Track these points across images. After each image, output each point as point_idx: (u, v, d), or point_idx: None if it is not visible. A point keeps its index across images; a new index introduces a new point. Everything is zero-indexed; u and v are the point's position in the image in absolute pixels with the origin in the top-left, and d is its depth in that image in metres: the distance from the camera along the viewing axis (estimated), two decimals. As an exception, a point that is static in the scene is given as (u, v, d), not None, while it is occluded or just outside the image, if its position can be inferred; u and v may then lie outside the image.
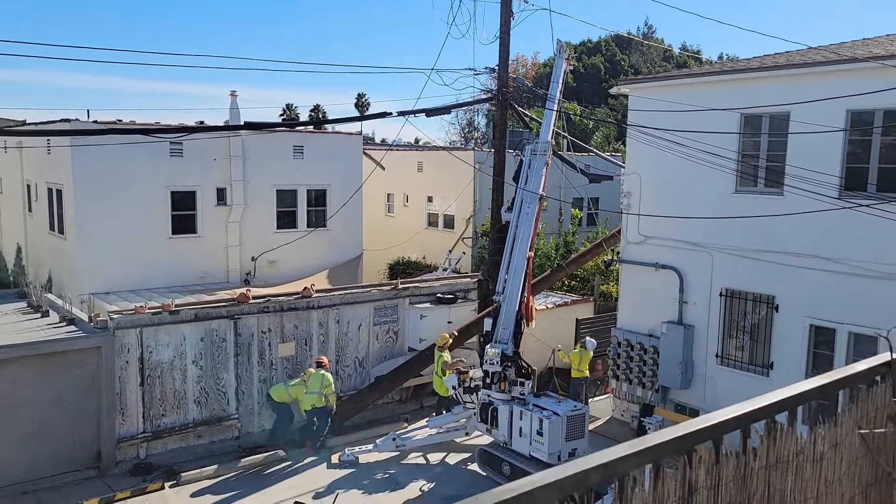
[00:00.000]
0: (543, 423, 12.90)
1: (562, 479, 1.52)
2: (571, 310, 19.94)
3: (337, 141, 23.19)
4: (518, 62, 61.62)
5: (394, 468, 14.36)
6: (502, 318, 14.06)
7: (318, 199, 22.48)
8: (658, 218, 15.39)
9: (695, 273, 15.09)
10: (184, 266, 19.87)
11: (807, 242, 13.21)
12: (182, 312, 14.81)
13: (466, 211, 27.28)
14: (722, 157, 13.79)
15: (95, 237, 18.59)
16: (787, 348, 13.71)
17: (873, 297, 12.40)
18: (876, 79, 11.85)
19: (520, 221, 14.60)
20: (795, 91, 13.05)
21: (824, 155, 12.81)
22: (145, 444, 14.44)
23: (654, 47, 63.74)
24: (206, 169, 20.19)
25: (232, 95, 21.00)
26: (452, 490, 13.47)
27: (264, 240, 21.12)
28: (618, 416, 16.96)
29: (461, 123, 62.75)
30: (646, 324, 15.98)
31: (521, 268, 14.18)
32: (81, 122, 18.51)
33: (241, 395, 15.58)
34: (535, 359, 16.57)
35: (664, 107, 14.69)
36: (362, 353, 17.43)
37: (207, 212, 20.39)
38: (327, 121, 41.50)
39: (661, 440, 1.74)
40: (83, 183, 18.41)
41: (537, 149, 15.13)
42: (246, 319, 15.54)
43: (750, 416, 1.95)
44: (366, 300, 17.40)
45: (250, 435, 15.64)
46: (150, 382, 14.46)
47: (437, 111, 17.62)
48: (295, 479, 13.95)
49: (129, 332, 14.21)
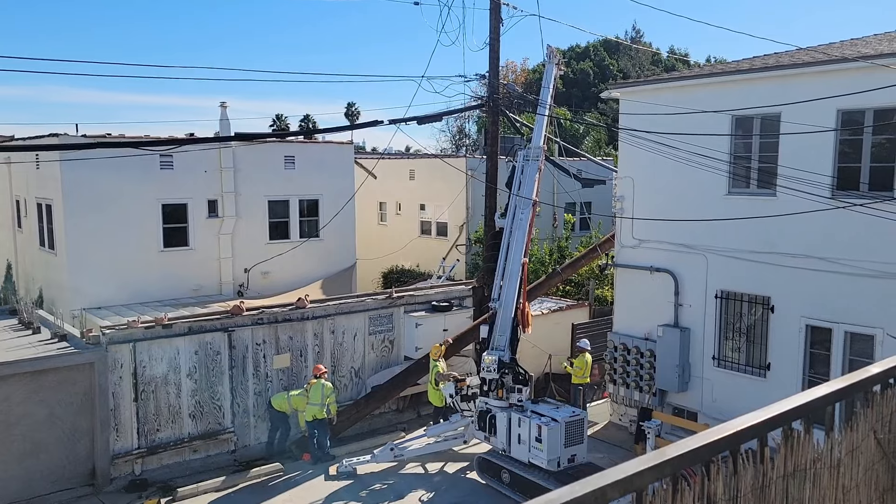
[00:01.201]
0: (542, 429, 12.82)
1: (580, 497, 1.46)
2: (567, 315, 19.90)
3: (328, 151, 23.12)
4: (508, 68, 61.70)
5: (392, 478, 14.25)
6: (498, 325, 14.00)
7: (310, 209, 22.39)
8: (652, 221, 15.38)
9: (690, 275, 15.07)
10: (176, 279, 19.73)
11: (801, 242, 13.21)
12: (175, 326, 14.69)
13: (460, 218, 27.24)
14: (714, 160, 13.81)
15: (86, 252, 18.44)
16: (783, 349, 13.69)
17: (869, 296, 12.42)
18: (865, 78, 11.89)
19: (514, 227, 14.56)
20: (786, 92, 13.08)
21: (816, 155, 12.84)
22: (140, 459, 14.28)
23: (643, 51, 64.01)
24: (197, 181, 20.08)
25: (222, 107, 20.91)
26: (452, 499, 13.39)
27: (257, 251, 21.00)
28: (616, 421, 16.90)
29: (452, 131, 62.79)
30: (642, 327, 15.94)
31: (516, 274, 14.13)
32: (70, 136, 18.36)
33: (237, 408, 15.45)
34: (531, 365, 16.51)
35: (655, 110, 14.70)
36: (358, 363, 17.33)
37: (199, 224, 20.27)
38: (318, 130, 41.43)
39: (678, 452, 1.69)
40: (73, 197, 18.26)
41: (529, 154, 15.10)
42: (240, 332, 15.42)
43: (767, 424, 1.90)
44: (360, 310, 17.31)
45: (247, 448, 15.50)
46: (144, 397, 14.32)
47: (429, 118, 17.59)
48: (293, 491, 13.83)
49: (122, 347, 14.08)
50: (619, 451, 15.23)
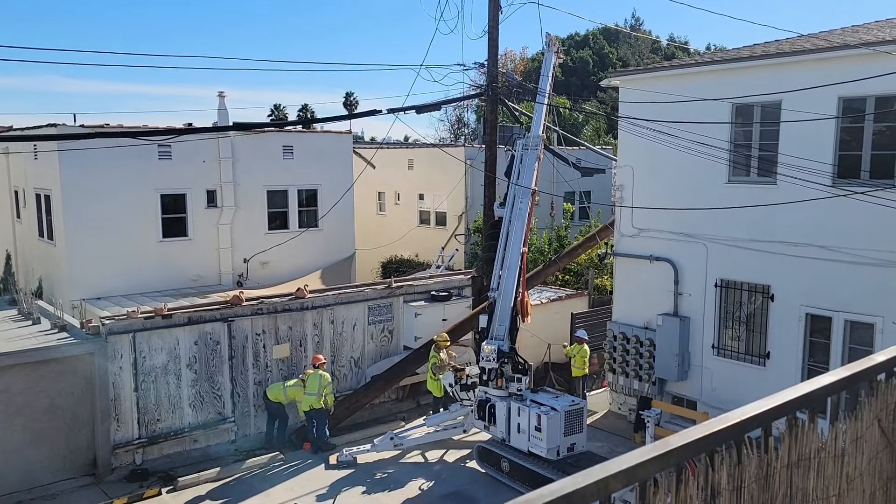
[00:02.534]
0: (542, 418, 12.84)
1: (582, 489, 1.44)
2: (566, 304, 19.89)
3: (326, 140, 23.04)
4: (507, 56, 61.48)
5: (392, 467, 14.28)
6: (498, 315, 13.99)
7: (309, 199, 22.34)
8: (651, 210, 15.35)
9: (689, 264, 15.06)
10: (175, 269, 19.71)
11: (801, 231, 13.19)
12: (175, 316, 14.67)
13: (458, 208, 27.19)
14: (714, 148, 13.76)
15: (85, 242, 18.41)
16: (783, 337, 13.69)
17: (869, 284, 12.40)
18: (867, 65, 11.84)
19: (513, 217, 14.52)
20: (786, 79, 13.02)
21: (817, 143, 12.79)
22: (141, 449, 14.30)
23: (643, 39, 63.77)
24: (196, 171, 20.02)
25: (220, 96, 20.83)
26: (452, 488, 13.42)
27: (256, 241, 20.97)
28: (615, 410, 16.93)
29: (451, 120, 62.60)
30: (641, 316, 15.94)
31: (515, 263, 14.10)
32: (68, 126, 18.29)
33: (237, 397, 15.46)
34: (531, 354, 16.52)
35: (655, 98, 14.63)
36: (357, 352, 17.34)
37: (198, 214, 20.23)
38: (316, 120, 41.28)
39: (682, 442, 1.67)
40: (71, 188, 18.21)
41: (528, 143, 15.05)
42: (239, 322, 15.42)
43: (772, 414, 1.88)
44: (360, 300, 17.30)
45: (247, 438, 15.52)
46: (144, 387, 14.32)
47: (427, 108, 17.52)
48: (293, 480, 13.86)
49: (122, 338, 14.07)
50: (618, 439, 15.26)
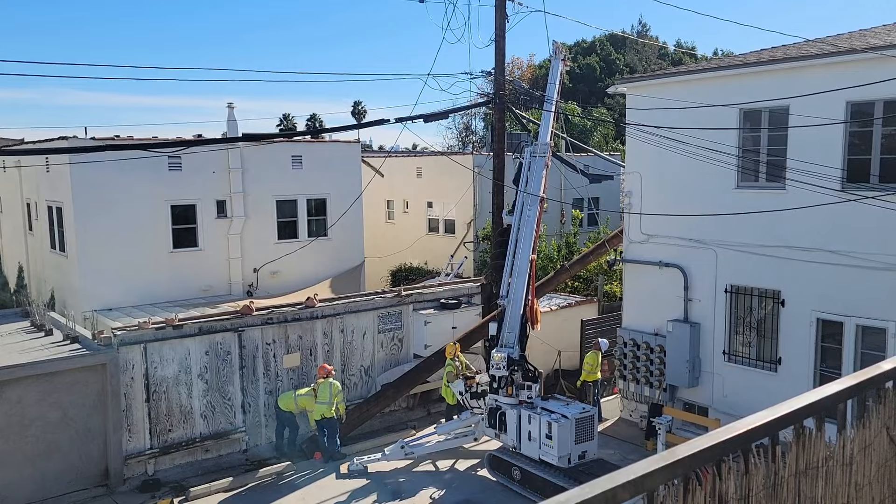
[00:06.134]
0: (552, 426, 12.80)
1: (590, 499, 1.46)
2: (576, 311, 19.87)
3: (335, 150, 23.14)
4: (514, 64, 61.69)
5: (403, 476, 14.28)
6: (507, 322, 13.98)
7: (318, 208, 22.43)
8: (660, 216, 15.33)
9: (699, 270, 15.01)
10: (186, 280, 19.82)
11: (811, 236, 13.13)
12: (186, 327, 14.75)
13: (467, 215, 27.22)
14: (723, 154, 13.73)
15: (96, 254, 18.54)
16: (794, 343, 13.62)
17: (880, 288, 12.33)
18: (875, 69, 11.80)
19: (521, 224, 14.53)
20: (794, 84, 12.99)
21: (825, 148, 12.75)
22: (153, 460, 14.37)
23: (650, 45, 63.74)
24: (206, 182, 20.15)
25: (229, 107, 20.97)
26: (463, 496, 13.40)
27: (266, 251, 21.06)
28: (626, 417, 16.86)
29: (458, 128, 62.76)
30: (651, 323, 15.90)
31: (524, 270, 14.11)
32: (79, 139, 18.46)
33: (248, 407, 15.51)
34: (541, 361, 16.49)
35: (663, 104, 14.63)
36: (367, 361, 17.36)
37: (208, 224, 20.34)
38: (325, 130, 41.41)
39: (690, 452, 1.68)
40: (83, 200, 18.36)
41: (536, 151, 15.07)
42: (250, 332, 15.48)
43: (779, 422, 1.89)
44: (369, 308, 17.34)
45: (258, 447, 15.57)
46: (155, 398, 14.40)
47: (435, 116, 17.56)
48: (305, 490, 13.87)
49: (134, 349, 14.15)
50: (629, 446, 15.20)
